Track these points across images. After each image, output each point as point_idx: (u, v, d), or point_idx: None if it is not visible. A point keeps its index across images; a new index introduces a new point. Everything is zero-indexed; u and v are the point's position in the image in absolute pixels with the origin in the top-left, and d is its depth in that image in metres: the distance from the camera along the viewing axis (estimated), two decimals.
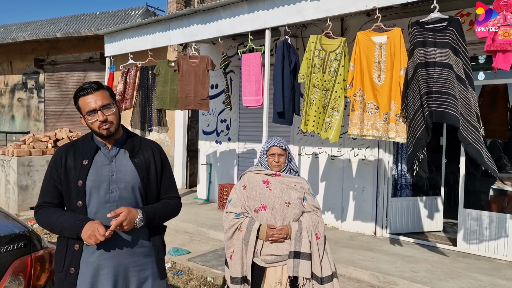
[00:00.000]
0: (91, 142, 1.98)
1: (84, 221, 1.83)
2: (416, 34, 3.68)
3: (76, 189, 1.89)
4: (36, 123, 12.73)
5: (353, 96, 4.05)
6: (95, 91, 1.90)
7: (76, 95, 1.93)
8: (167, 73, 5.97)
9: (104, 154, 1.96)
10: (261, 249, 2.64)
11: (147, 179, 2.01)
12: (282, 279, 2.64)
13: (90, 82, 1.96)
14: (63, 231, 1.87)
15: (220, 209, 7.52)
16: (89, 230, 1.77)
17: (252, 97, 5.02)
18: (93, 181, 1.90)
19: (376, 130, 3.95)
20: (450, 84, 3.53)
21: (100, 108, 1.88)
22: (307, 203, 2.73)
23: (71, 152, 1.95)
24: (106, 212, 1.87)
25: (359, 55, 3.99)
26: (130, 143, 2.03)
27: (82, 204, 1.89)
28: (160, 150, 2.14)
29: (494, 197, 5.45)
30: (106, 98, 1.92)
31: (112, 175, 1.93)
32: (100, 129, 1.90)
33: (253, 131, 7.59)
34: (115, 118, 1.94)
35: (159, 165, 2.09)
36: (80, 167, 1.91)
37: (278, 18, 4.71)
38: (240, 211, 2.70)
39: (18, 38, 11.55)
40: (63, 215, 1.88)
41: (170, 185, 2.17)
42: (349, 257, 4.98)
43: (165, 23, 6.04)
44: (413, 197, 6.08)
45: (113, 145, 1.99)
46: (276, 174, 2.72)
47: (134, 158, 1.99)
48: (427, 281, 4.24)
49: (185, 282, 4.37)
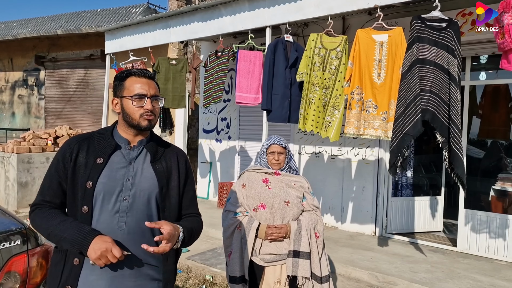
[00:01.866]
0: (109, 138, 1.71)
1: (90, 235, 1.51)
2: (416, 29, 3.66)
3: (83, 191, 1.60)
4: (37, 120, 12.71)
5: (350, 94, 4.00)
6: (149, 79, 1.70)
7: (126, 72, 1.71)
8: (168, 70, 5.94)
9: (123, 155, 1.69)
10: (260, 248, 2.62)
11: (167, 189, 1.72)
12: (281, 278, 2.62)
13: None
14: (62, 242, 1.56)
15: (220, 207, 7.50)
16: (100, 249, 1.47)
17: (251, 94, 5.00)
18: (105, 184, 1.61)
19: (374, 130, 3.91)
20: (444, 88, 3.53)
21: (151, 96, 1.67)
22: (307, 202, 2.72)
23: (85, 146, 1.68)
24: (112, 223, 1.61)
25: (359, 53, 3.96)
26: (153, 145, 1.76)
27: (88, 210, 1.60)
28: (186, 159, 1.87)
29: (494, 198, 5.43)
30: (157, 90, 1.74)
31: (127, 180, 1.64)
32: (142, 118, 1.66)
33: (253, 129, 7.57)
34: (158, 113, 1.75)
35: (183, 175, 1.81)
36: (92, 166, 1.63)
37: (279, 16, 4.69)
38: (239, 209, 2.69)
39: (19, 35, 11.53)
40: (64, 222, 1.57)
41: (192, 200, 1.88)
42: (348, 256, 4.96)
43: (166, 20, 6.02)
44: (413, 197, 6.07)
45: (135, 145, 1.73)
46: (276, 173, 2.71)
47: (155, 163, 1.72)
48: (426, 282, 4.23)
49: (184, 281, 4.36)
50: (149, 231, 1.65)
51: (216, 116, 8.19)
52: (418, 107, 3.48)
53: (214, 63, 5.37)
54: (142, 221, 1.62)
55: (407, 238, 5.77)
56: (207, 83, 5.38)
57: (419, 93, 3.48)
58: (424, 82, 3.52)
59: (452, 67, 3.50)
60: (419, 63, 3.56)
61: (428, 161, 7.19)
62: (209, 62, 5.37)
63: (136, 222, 1.63)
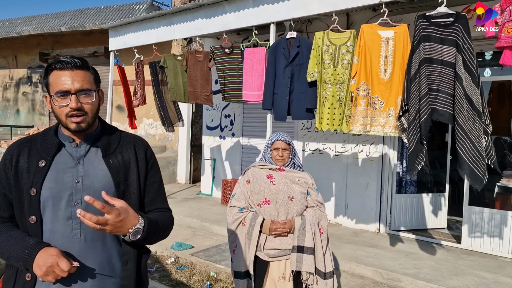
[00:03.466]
0: (52, 137, 1.50)
1: (34, 249, 1.34)
2: (421, 28, 3.64)
3: (28, 200, 1.42)
4: (41, 117, 12.78)
5: (356, 91, 3.97)
6: (76, 69, 1.42)
7: (50, 66, 1.45)
8: (175, 66, 5.96)
9: (70, 153, 1.48)
10: (264, 243, 2.64)
11: (125, 185, 1.52)
12: (285, 273, 2.64)
13: (74, 56, 1.47)
14: (10, 260, 1.41)
15: (224, 204, 7.52)
16: (45, 265, 1.30)
17: (254, 91, 5.01)
18: (51, 189, 1.43)
19: (381, 126, 3.90)
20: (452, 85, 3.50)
21: (76, 91, 1.40)
22: (311, 198, 2.73)
23: (25, 150, 1.48)
24: (66, 231, 1.43)
25: (364, 48, 3.93)
26: (105, 139, 1.55)
27: (36, 219, 1.42)
28: (146, 148, 1.64)
29: (499, 195, 5.41)
30: (88, 81, 1.44)
31: (77, 182, 1.45)
32: (68, 120, 1.42)
33: (257, 126, 7.58)
34: (92, 110, 1.46)
35: (143, 167, 1.58)
36: (34, 171, 1.43)
37: (283, 13, 4.69)
38: (244, 205, 2.70)
39: (23, 32, 11.59)
40: (10, 238, 1.40)
41: (159, 193, 1.65)
42: (352, 253, 4.96)
43: (170, 17, 6.02)
44: (417, 194, 6.06)
45: (82, 141, 1.51)
46: (280, 169, 2.72)
47: (108, 158, 1.51)
48: (431, 278, 4.23)
49: (188, 277, 4.37)
50: (111, 237, 1.49)
51: (219, 113, 8.20)
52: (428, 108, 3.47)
53: (223, 58, 5.37)
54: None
55: (411, 235, 5.76)
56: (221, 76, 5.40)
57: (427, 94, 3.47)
58: (433, 82, 3.51)
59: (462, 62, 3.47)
60: (426, 63, 3.55)
61: (432, 158, 7.17)
62: (215, 57, 5.36)
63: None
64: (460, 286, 4.04)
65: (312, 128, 6.65)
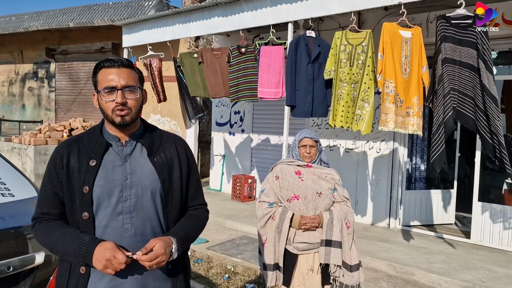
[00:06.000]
0: (99, 137, 1.59)
1: (91, 245, 1.43)
2: (442, 29, 3.74)
3: (81, 197, 1.51)
4: (47, 112, 12.82)
5: (383, 87, 4.01)
6: (122, 67, 1.54)
7: (98, 65, 1.57)
8: (192, 64, 6.02)
9: (116, 152, 1.58)
10: (293, 237, 2.73)
11: (169, 183, 1.61)
12: (313, 266, 2.74)
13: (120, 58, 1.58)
14: (66, 256, 1.50)
15: (234, 199, 7.63)
16: (103, 258, 1.39)
17: (271, 89, 5.09)
18: (102, 186, 1.52)
19: (401, 124, 4.00)
20: (470, 85, 3.61)
21: (122, 87, 1.51)
22: (337, 194, 2.83)
23: (75, 150, 1.57)
24: (117, 226, 1.53)
25: (388, 45, 3.97)
26: (148, 137, 1.64)
27: (89, 216, 1.51)
28: (186, 147, 1.74)
29: (507, 191, 5.54)
30: (133, 79, 1.55)
31: (126, 179, 1.55)
32: (114, 114, 1.52)
33: (267, 123, 7.67)
34: (136, 106, 1.56)
35: (185, 165, 1.68)
36: (86, 170, 1.52)
37: (302, 12, 4.75)
38: (273, 200, 2.80)
39: (31, 28, 11.59)
40: (64, 236, 1.48)
41: (197, 190, 1.76)
42: (365, 247, 5.08)
43: (185, 15, 6.09)
44: (426, 190, 6.18)
45: (127, 140, 1.61)
46: (308, 165, 2.81)
47: (153, 156, 1.61)
48: (444, 272, 4.35)
49: (206, 270, 4.48)
50: (159, 229, 1.60)
51: (229, 109, 8.28)
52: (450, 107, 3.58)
53: (238, 59, 5.44)
54: (149, 220, 1.56)
55: (421, 230, 5.89)
56: (232, 79, 5.46)
57: (450, 94, 3.58)
58: (454, 82, 3.63)
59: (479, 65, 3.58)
60: (448, 62, 3.66)
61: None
62: (231, 57, 5.44)
63: (142, 222, 1.55)
64: (472, 280, 4.17)
65: (322, 125, 6.75)
